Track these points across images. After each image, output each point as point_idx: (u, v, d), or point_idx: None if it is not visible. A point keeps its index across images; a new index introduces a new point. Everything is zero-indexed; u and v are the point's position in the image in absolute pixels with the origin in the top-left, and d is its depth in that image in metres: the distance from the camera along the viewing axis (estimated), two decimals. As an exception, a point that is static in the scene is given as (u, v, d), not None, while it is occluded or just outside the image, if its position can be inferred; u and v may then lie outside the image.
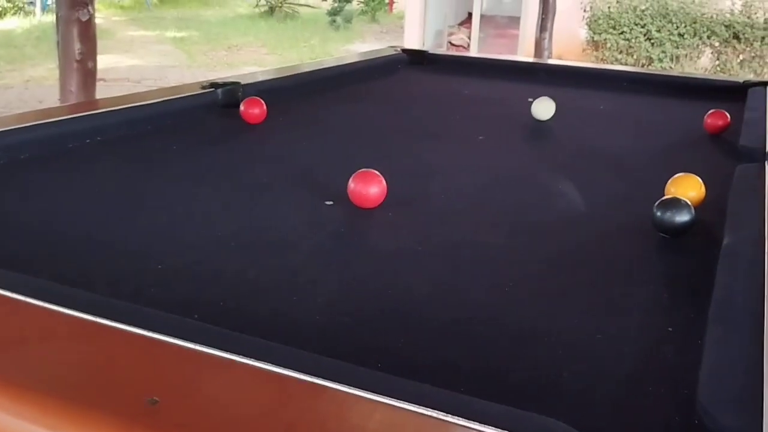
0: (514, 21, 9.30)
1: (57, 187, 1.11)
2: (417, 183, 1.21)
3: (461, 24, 10.10)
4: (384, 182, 1.04)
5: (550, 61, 2.42)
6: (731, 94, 1.97)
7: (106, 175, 1.19)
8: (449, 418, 0.49)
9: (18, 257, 0.77)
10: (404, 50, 2.43)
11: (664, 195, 1.03)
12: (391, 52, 2.43)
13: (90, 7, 2.84)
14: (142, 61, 9.17)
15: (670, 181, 1.09)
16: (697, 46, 6.91)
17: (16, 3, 12.79)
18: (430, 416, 0.49)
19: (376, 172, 1.05)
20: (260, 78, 1.79)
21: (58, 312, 0.59)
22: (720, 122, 1.56)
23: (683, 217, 0.95)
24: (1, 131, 1.20)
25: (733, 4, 7.00)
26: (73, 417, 0.47)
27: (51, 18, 9.05)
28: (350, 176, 1.05)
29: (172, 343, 0.56)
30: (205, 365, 0.54)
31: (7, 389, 0.50)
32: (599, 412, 0.58)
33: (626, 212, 1.10)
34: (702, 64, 7.09)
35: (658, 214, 0.97)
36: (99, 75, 3.37)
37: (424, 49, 2.47)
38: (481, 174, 1.31)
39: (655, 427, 0.57)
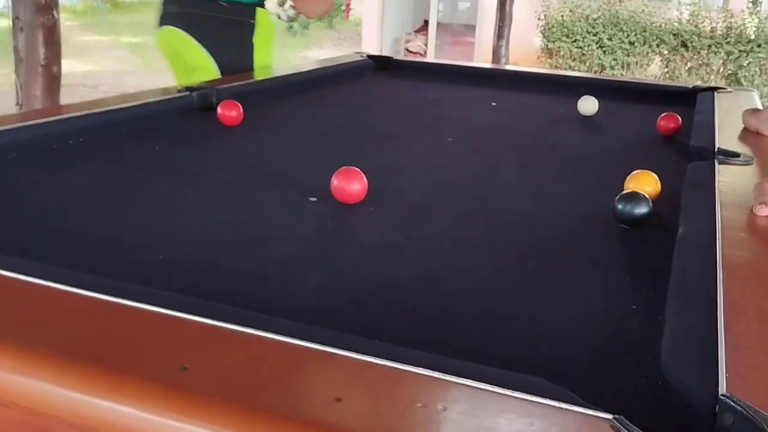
0: (470, 29, 9.48)
1: (45, 185, 1.14)
2: (392, 180, 1.27)
3: (418, 31, 10.23)
4: (365, 179, 1.10)
5: (510, 68, 2.51)
6: (682, 99, 2.09)
7: (90, 174, 1.22)
8: (447, 377, 0.55)
9: (17, 249, 0.80)
10: (370, 56, 2.50)
11: (623, 190, 1.11)
12: (358, 57, 2.49)
13: (55, 12, 2.84)
14: (98, 67, 9.07)
15: (628, 177, 1.17)
16: (647, 54, 7.14)
17: (-34, 6, 12.51)
18: (430, 376, 0.55)
19: (358, 170, 1.11)
20: (231, 83, 1.83)
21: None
22: (672, 125, 1.67)
23: (642, 209, 1.04)
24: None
25: (681, 13, 7.25)
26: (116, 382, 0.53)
27: (4, 22, 8.88)
28: (329, 174, 1.10)
29: (190, 319, 0.61)
30: (224, 338, 0.60)
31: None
32: (574, 378, 0.65)
33: (589, 206, 1.18)
34: (651, 72, 7.33)
35: (619, 206, 1.05)
36: (56, 81, 3.36)
37: (389, 55, 2.53)
38: (453, 171, 1.38)
39: (625, 389, 0.64)
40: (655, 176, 1.16)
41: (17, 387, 0.56)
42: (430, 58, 8.84)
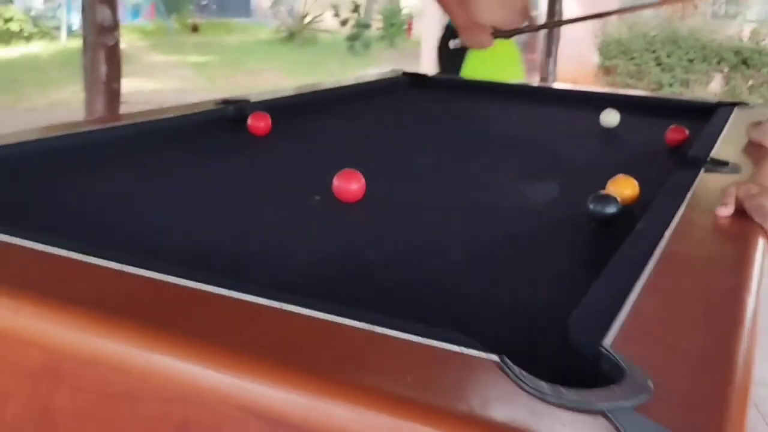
0: (525, 47, 9.52)
1: (83, 186, 1.31)
2: (396, 184, 1.40)
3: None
4: (363, 179, 1.23)
5: (540, 84, 2.61)
6: (705, 114, 2.14)
7: (125, 177, 1.39)
8: (389, 331, 0.67)
9: (71, 234, 0.95)
10: (405, 73, 2.64)
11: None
12: (393, 74, 2.63)
13: (116, 33, 3.08)
14: (164, 86, 9.47)
15: (609, 181, 1.26)
16: (707, 71, 7.07)
17: (42, 28, 13.24)
18: (365, 328, 0.67)
19: (357, 171, 1.24)
20: (268, 96, 1.99)
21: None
22: (679, 136, 1.74)
23: (611, 209, 1.13)
24: (30, 140, 1.41)
25: (742, 30, 7.16)
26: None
27: (76, 43, 9.40)
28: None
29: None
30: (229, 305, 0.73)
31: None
32: (511, 340, 0.75)
33: (571, 208, 1.27)
34: (712, 89, 7.24)
35: (591, 206, 1.15)
36: (123, 98, 3.62)
37: (425, 73, 2.66)
38: (452, 177, 1.49)
39: (545, 347, 0.74)
40: (634, 181, 1.25)
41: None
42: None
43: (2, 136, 1.47)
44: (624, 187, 1.24)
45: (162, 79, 9.93)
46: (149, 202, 1.24)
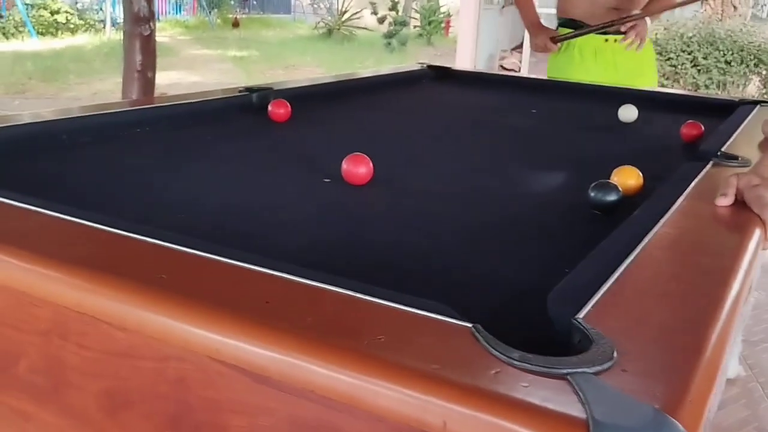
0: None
1: (112, 162, 1.37)
2: (404, 170, 1.44)
3: (515, 49, 10.29)
4: (371, 164, 1.26)
5: (561, 79, 2.61)
6: (726, 111, 2.13)
7: (151, 155, 1.44)
8: (381, 301, 0.70)
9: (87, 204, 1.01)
10: (429, 66, 2.67)
11: None
12: (417, 67, 2.67)
13: (151, 23, 3.16)
14: (203, 78, 9.60)
15: (614, 171, 1.28)
16: (744, 73, 6.95)
17: (87, 20, 13.53)
18: (347, 294, 0.71)
19: (365, 156, 1.27)
20: (291, 85, 2.04)
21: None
22: (694, 131, 1.74)
23: (611, 197, 1.15)
24: (65, 118, 1.49)
25: (781, 33, 7.03)
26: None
27: (119, 35, 9.60)
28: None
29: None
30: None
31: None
32: (492, 312, 0.78)
33: (573, 196, 1.29)
34: (749, 92, 7.12)
35: (591, 194, 1.17)
36: (163, 90, 3.69)
37: (449, 66, 2.68)
38: (461, 165, 1.53)
39: (524, 319, 0.77)
40: (637, 171, 1.27)
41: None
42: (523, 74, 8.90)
43: (35, 114, 1.55)
44: (627, 177, 1.25)
45: (202, 72, 10.08)
46: (165, 177, 1.30)
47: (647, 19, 2.62)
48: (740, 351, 2.45)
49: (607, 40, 2.73)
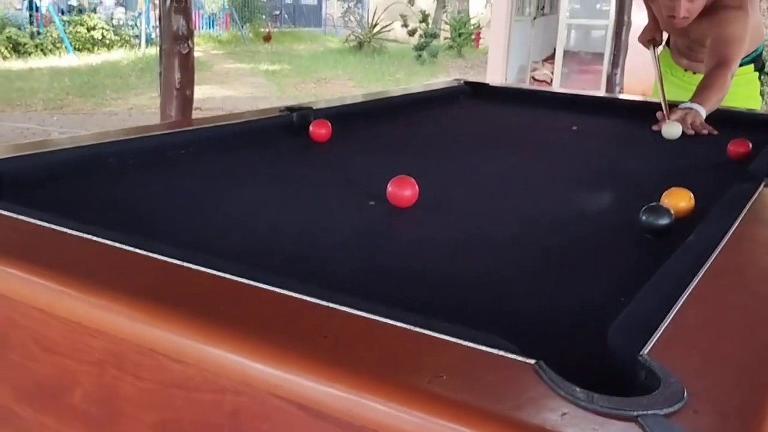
0: (598, 57, 9.39)
1: (159, 186, 1.38)
2: (449, 190, 1.43)
3: (546, 60, 10.25)
4: (417, 186, 1.26)
5: (598, 94, 2.58)
6: (772, 126, 2.09)
7: (195, 176, 1.45)
8: (417, 329, 0.70)
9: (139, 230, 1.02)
10: (466, 82, 2.66)
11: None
12: (455, 84, 2.66)
13: (189, 42, 3.19)
14: (236, 92, 9.71)
15: (665, 193, 1.26)
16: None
17: (123, 36, 13.77)
18: (406, 328, 0.70)
19: (411, 178, 1.26)
20: (330, 104, 2.04)
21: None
22: (741, 149, 1.71)
23: (663, 221, 1.13)
24: (112, 141, 1.51)
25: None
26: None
27: (154, 51, 9.75)
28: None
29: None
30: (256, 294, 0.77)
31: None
32: (552, 345, 0.77)
33: (625, 218, 1.27)
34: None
35: (643, 217, 1.14)
36: (196, 104, 3.73)
37: (487, 82, 2.67)
38: (507, 186, 1.51)
39: (585, 354, 0.75)
40: (689, 193, 1.24)
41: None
42: (555, 87, 8.86)
43: (82, 137, 1.56)
44: (679, 200, 1.23)
45: (235, 86, 10.20)
46: (212, 200, 1.31)
47: (700, 109, 2.19)
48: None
49: (686, 70, 2.71)
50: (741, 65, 2.59)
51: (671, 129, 1.95)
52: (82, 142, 1.49)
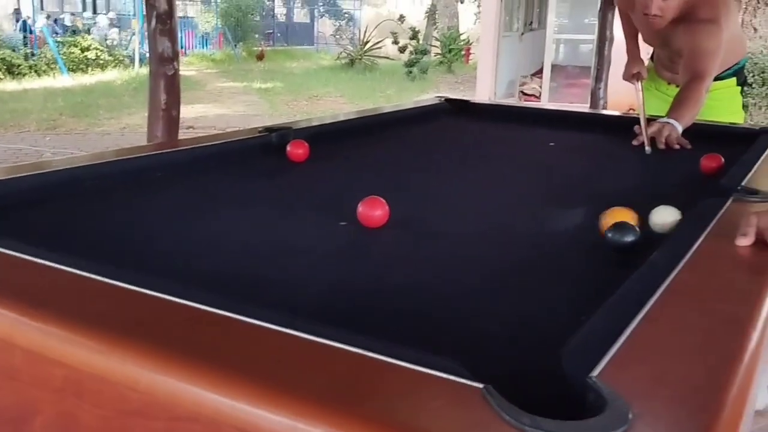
0: (586, 71, 9.43)
1: (130, 208, 1.39)
2: (421, 210, 1.44)
3: (535, 74, 10.31)
4: (387, 206, 1.26)
5: (578, 109, 2.60)
6: (746, 141, 2.10)
7: (170, 200, 1.46)
8: (370, 354, 0.70)
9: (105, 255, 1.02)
10: (448, 99, 2.68)
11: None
12: (436, 101, 2.67)
13: (175, 63, 3.21)
14: (229, 111, 9.73)
15: (605, 213, 1.22)
16: (766, 95, 6.87)
17: (116, 56, 13.81)
18: (360, 354, 0.71)
19: (381, 198, 1.27)
20: (310, 123, 2.05)
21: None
22: (713, 164, 1.72)
23: (628, 238, 1.13)
24: (87, 164, 1.51)
25: (804, 54, 6.96)
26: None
27: (147, 71, 9.74)
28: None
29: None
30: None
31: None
32: (505, 368, 0.77)
33: (593, 235, 1.28)
34: (773, 113, 7.03)
35: (609, 234, 1.15)
36: (189, 123, 3.72)
37: (468, 98, 2.69)
38: (479, 203, 1.52)
39: (538, 376, 0.76)
40: (630, 212, 1.20)
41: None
42: (544, 101, 8.91)
43: (58, 161, 1.57)
44: (618, 219, 1.18)
45: (228, 105, 10.22)
46: (184, 223, 1.31)
47: (676, 125, 2.20)
48: (771, 383, 2.39)
49: (670, 83, 2.72)
50: (722, 78, 2.60)
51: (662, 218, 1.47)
52: (57, 166, 1.50)
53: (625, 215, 1.20)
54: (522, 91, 9.78)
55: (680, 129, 2.10)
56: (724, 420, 0.64)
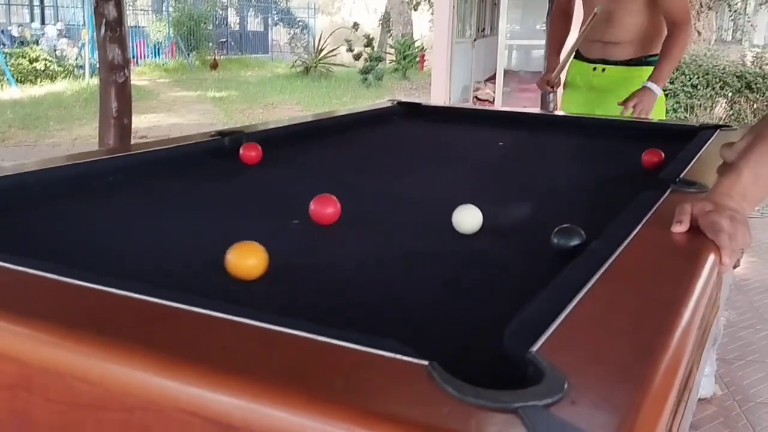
0: (538, 76, 9.59)
1: (79, 212, 1.38)
2: (372, 208, 1.47)
3: (488, 80, 10.45)
4: (338, 204, 1.29)
5: (527, 110, 2.67)
6: (687, 137, 2.18)
7: (122, 204, 1.46)
8: (315, 336, 0.72)
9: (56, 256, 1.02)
10: (400, 102, 2.72)
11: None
12: (389, 104, 2.71)
13: (125, 70, 3.19)
14: (183, 120, 9.63)
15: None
16: (711, 96, 7.08)
17: (66, 67, 13.57)
18: (304, 336, 0.73)
19: (332, 196, 1.30)
20: (262, 127, 2.07)
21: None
22: (654, 159, 1.79)
23: (574, 242, 1.15)
24: (36, 169, 1.50)
25: (745, 56, 7.19)
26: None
27: (98, 81, 9.60)
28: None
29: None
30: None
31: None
32: (450, 348, 0.80)
33: (536, 230, 1.32)
34: (717, 114, 7.24)
35: (554, 240, 1.16)
36: (142, 133, 3.68)
37: (420, 101, 2.73)
38: (428, 201, 1.55)
39: (487, 358, 0.79)
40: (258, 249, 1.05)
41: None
42: (497, 106, 9.03)
43: (5, 167, 1.56)
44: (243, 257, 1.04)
45: (182, 114, 10.12)
46: (135, 225, 1.31)
47: (655, 88, 2.53)
48: (716, 370, 2.47)
49: (595, 69, 2.81)
50: (645, 65, 2.71)
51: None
52: (5, 171, 1.49)
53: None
54: (476, 97, 9.90)
55: (659, 93, 2.26)
56: (653, 391, 0.68)
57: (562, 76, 2.91)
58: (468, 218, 1.28)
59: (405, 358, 0.69)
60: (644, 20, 2.70)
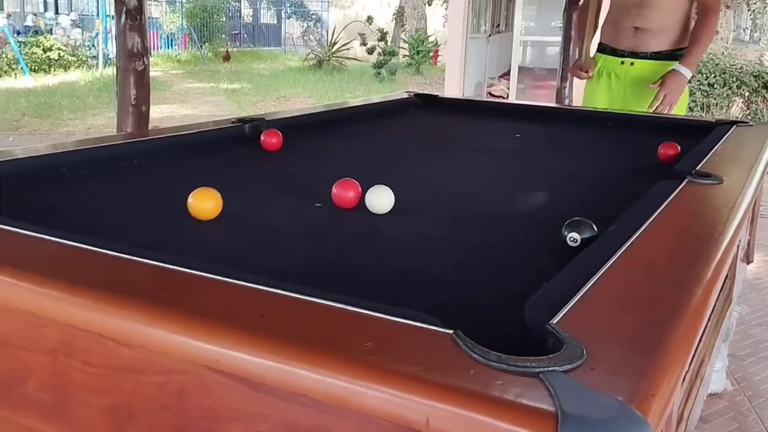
0: (553, 72, 9.58)
1: (108, 192, 1.42)
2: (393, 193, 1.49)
3: (502, 76, 10.44)
4: (359, 188, 1.32)
5: (543, 104, 2.69)
6: (704, 132, 2.21)
7: (148, 186, 1.50)
8: (346, 307, 0.76)
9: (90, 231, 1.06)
10: (417, 94, 2.75)
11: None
12: (405, 95, 2.74)
13: (145, 58, 3.23)
14: (196, 111, 9.68)
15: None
16: (727, 95, 7.07)
17: (80, 56, 13.65)
18: (336, 306, 0.76)
19: (354, 180, 1.33)
20: (283, 115, 2.10)
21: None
22: (671, 152, 1.81)
23: (585, 234, 1.17)
24: (66, 151, 1.54)
25: (762, 55, 7.17)
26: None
27: (112, 71, 9.69)
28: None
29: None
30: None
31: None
32: (475, 320, 0.83)
33: (551, 216, 1.34)
34: (733, 113, 7.23)
35: (564, 232, 1.18)
36: (155, 123, 3.71)
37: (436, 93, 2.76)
38: (447, 188, 1.59)
39: (508, 330, 0.82)
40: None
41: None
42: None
43: (36, 147, 1.60)
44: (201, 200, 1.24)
45: (194, 105, 10.17)
46: (162, 206, 1.35)
47: (684, 71, 2.57)
48: (727, 365, 2.50)
49: (623, 63, 2.81)
50: (675, 59, 2.71)
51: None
52: (37, 152, 1.53)
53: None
54: (490, 93, 9.90)
55: (689, 75, 2.31)
56: (668, 360, 0.71)
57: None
58: (380, 199, 1.33)
59: (432, 327, 0.73)
60: (678, 5, 2.69)
